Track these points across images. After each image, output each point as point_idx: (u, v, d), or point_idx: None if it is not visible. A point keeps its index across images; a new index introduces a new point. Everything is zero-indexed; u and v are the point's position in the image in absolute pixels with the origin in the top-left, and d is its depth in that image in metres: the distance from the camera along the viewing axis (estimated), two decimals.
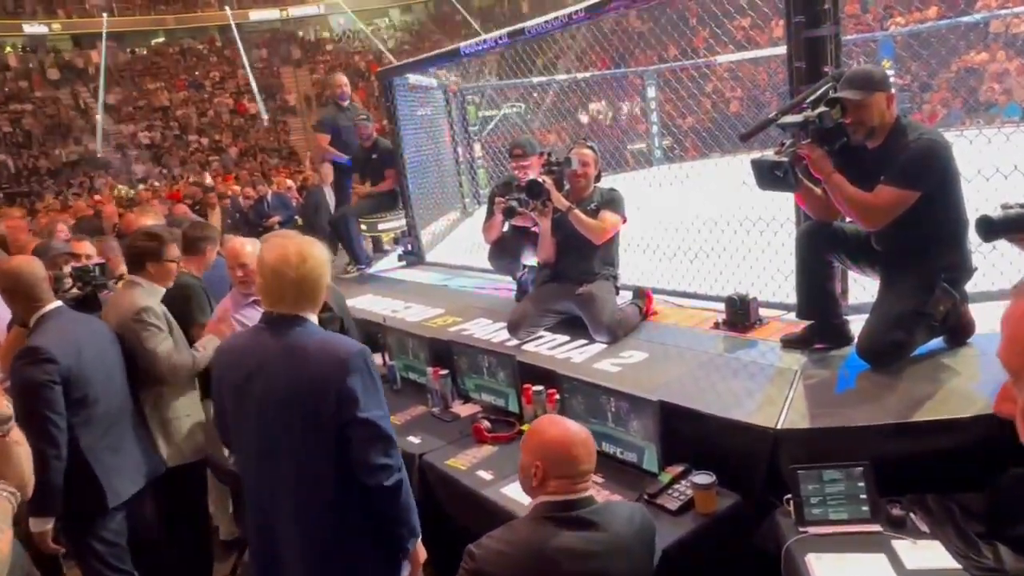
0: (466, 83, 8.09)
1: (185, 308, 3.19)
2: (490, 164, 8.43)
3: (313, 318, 1.97)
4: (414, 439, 2.99)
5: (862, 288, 3.01)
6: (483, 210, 7.71)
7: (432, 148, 6.84)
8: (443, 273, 5.54)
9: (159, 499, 2.89)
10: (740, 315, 3.20)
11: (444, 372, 3.33)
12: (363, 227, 6.10)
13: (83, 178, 20.45)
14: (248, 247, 3.21)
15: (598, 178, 3.70)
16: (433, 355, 3.52)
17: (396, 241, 6.44)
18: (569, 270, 3.56)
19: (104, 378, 2.60)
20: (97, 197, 15.45)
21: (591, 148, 3.65)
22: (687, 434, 2.47)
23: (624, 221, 3.58)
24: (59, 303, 2.65)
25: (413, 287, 5.21)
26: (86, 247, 3.75)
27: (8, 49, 24.48)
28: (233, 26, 25.62)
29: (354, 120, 5.92)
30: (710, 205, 4.43)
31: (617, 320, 3.35)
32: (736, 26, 10.57)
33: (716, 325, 3.30)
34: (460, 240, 6.42)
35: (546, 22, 3.86)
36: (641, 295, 3.62)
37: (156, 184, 18.51)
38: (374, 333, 3.92)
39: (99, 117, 22.47)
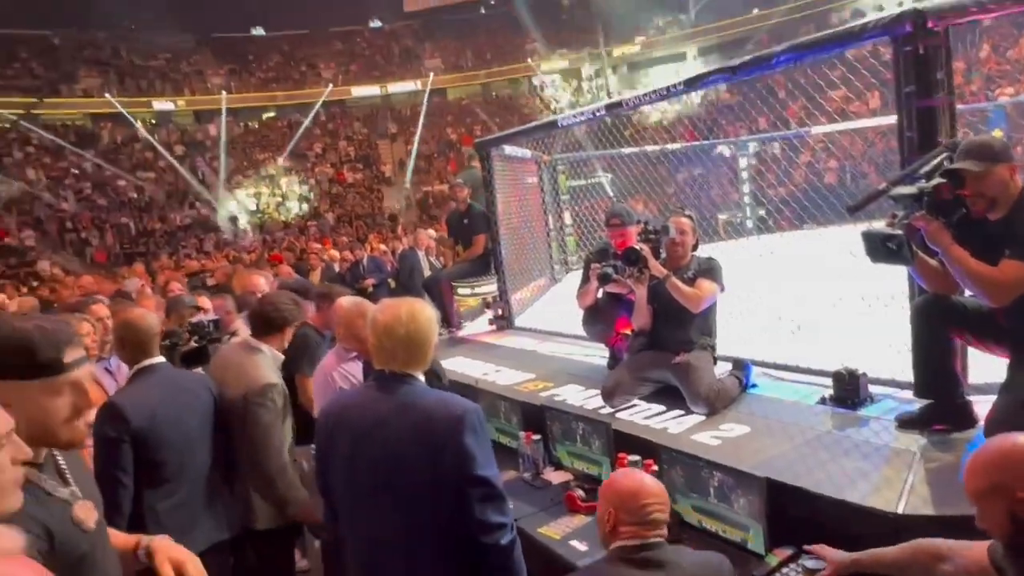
0: (558, 153, 8.30)
1: (297, 356, 3.32)
2: (579, 232, 8.53)
3: (421, 377, 2.02)
4: None
5: (986, 366, 2.82)
6: (571, 277, 7.82)
7: (524, 216, 7.00)
8: (532, 338, 5.56)
9: (245, 558, 2.85)
10: (849, 391, 3.06)
11: (536, 437, 3.31)
12: (457, 290, 6.25)
13: (195, 240, 21.95)
14: (347, 305, 3.34)
15: (695, 247, 3.68)
16: (525, 419, 3.51)
17: (487, 305, 6.55)
18: (666, 338, 3.52)
19: (181, 439, 2.59)
20: (208, 258, 16.51)
21: (689, 216, 3.65)
22: (795, 515, 2.34)
23: (722, 290, 3.53)
24: (161, 359, 2.70)
25: (503, 351, 5.26)
26: (204, 302, 4.00)
27: (139, 123, 26.99)
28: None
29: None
30: (811, 276, 4.31)
31: (716, 391, 3.26)
32: (830, 97, 10.48)
33: (822, 401, 3.16)
34: (549, 306, 6.47)
35: (644, 95, 3.95)
36: (740, 367, 3.52)
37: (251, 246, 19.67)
38: (465, 395, 3.96)
39: (220, 182, 24.27)
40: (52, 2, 24.65)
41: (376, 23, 32.20)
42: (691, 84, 3.60)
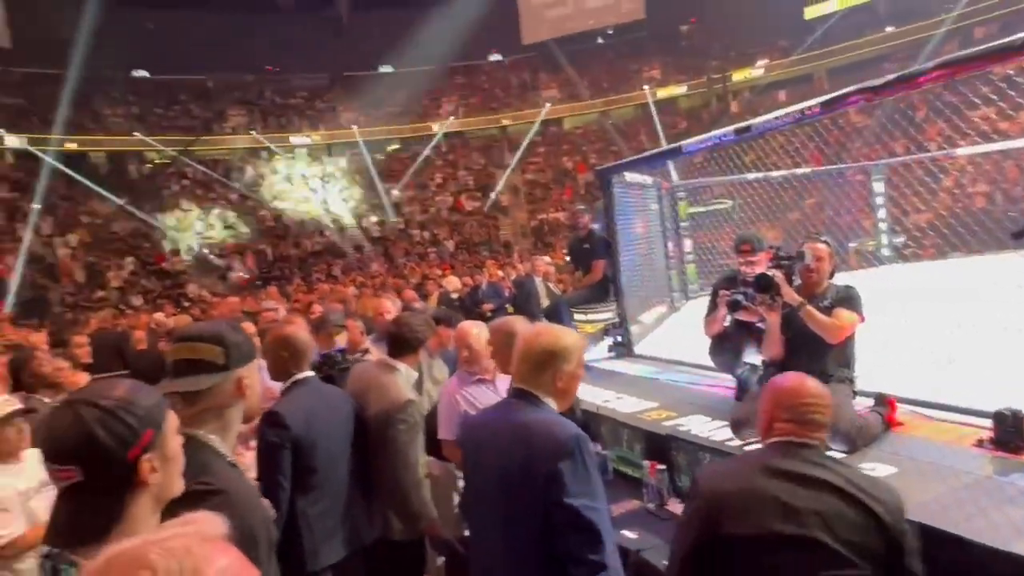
0: (679, 180, 8.20)
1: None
2: (700, 260, 8.35)
3: (550, 401, 2.04)
4: (630, 533, 2.91)
5: None
6: (691, 306, 7.64)
7: (644, 243, 6.94)
8: (653, 366, 5.47)
9: (379, 568, 2.93)
10: (1012, 433, 2.79)
11: (661, 467, 3.24)
12: (575, 316, 6.27)
13: (325, 265, 23.28)
14: (475, 330, 3.43)
15: (832, 274, 3.51)
16: (649, 448, 3.46)
17: (605, 332, 6.52)
18: (799, 370, 3.34)
19: (330, 447, 2.73)
20: (336, 282, 17.45)
21: (825, 243, 3.50)
22: (949, 564, 2.16)
23: (862, 320, 3.34)
24: (311, 373, 2.88)
25: (623, 378, 5.20)
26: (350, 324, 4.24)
27: (277, 157, 29.12)
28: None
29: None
30: (962, 306, 3.99)
31: (857, 427, 3.07)
32: (979, 116, 9.73)
33: (979, 443, 2.90)
34: (668, 334, 6.34)
35: (776, 118, 3.84)
36: (884, 402, 3.30)
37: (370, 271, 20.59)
38: (586, 421, 3.95)
39: (346, 211, 25.75)
40: (208, 50, 27.21)
41: (496, 57, 33.20)
42: (829, 106, 3.46)
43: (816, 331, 3.25)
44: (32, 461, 2.96)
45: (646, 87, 29.53)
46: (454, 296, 9.95)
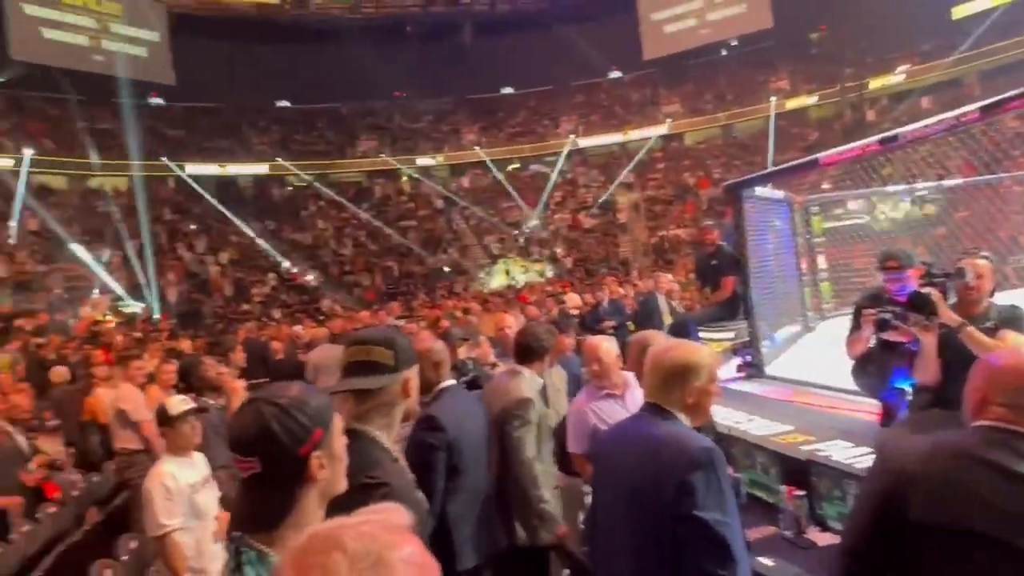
0: (811, 195, 7.83)
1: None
2: (835, 277, 7.93)
3: (681, 416, 2.02)
4: (766, 560, 2.80)
5: None
6: (825, 326, 7.24)
7: (775, 260, 6.67)
8: (786, 387, 5.23)
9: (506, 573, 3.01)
10: None
11: (800, 493, 3.09)
12: (703, 335, 6.11)
13: (447, 282, 24.05)
14: (604, 344, 3.44)
15: (992, 293, 3.24)
16: (785, 473, 3.31)
17: (734, 352, 6.31)
18: (958, 396, 3.10)
19: (474, 451, 2.86)
20: (459, 299, 17.95)
21: (986, 259, 3.23)
22: None
23: None
24: (453, 381, 3.05)
25: (755, 399, 5.00)
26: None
27: (404, 178, 30.47)
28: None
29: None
30: None
31: None
32: None
33: None
34: (802, 355, 6.04)
35: (926, 126, 3.60)
36: None
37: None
38: (717, 441, 3.83)
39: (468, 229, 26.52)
40: (343, 79, 29.00)
41: (615, 74, 33.15)
42: (989, 111, 3.21)
43: (978, 354, 2.99)
44: (199, 457, 3.26)
45: (773, 98, 28.42)
46: (574, 313, 9.98)
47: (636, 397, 2.79)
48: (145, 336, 12.53)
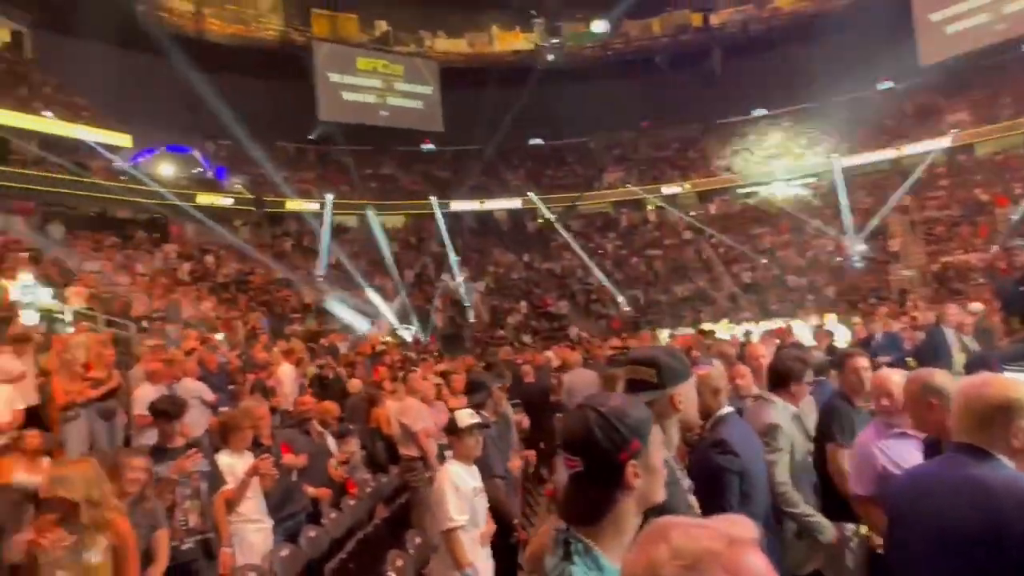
0: None
1: (829, 424, 3.41)
2: None
3: (1003, 458, 1.81)
4: None
5: None
6: None
7: None
8: None
9: None
10: None
11: None
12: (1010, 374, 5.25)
13: (692, 311, 23.49)
14: (896, 377, 3.16)
15: None
16: None
17: None
18: None
19: (759, 480, 2.82)
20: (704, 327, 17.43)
21: None
22: None
23: None
24: (731, 409, 2.99)
25: None
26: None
27: (649, 207, 30.51)
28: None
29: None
30: None
31: None
32: None
33: None
34: None
35: None
36: None
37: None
38: None
39: (714, 258, 25.77)
40: (591, 114, 30.06)
41: (885, 84, 30.02)
42: None
43: None
44: (475, 469, 3.59)
45: None
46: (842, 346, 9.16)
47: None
48: (417, 356, 14.00)
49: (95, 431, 6.83)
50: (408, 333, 20.46)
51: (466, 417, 3.39)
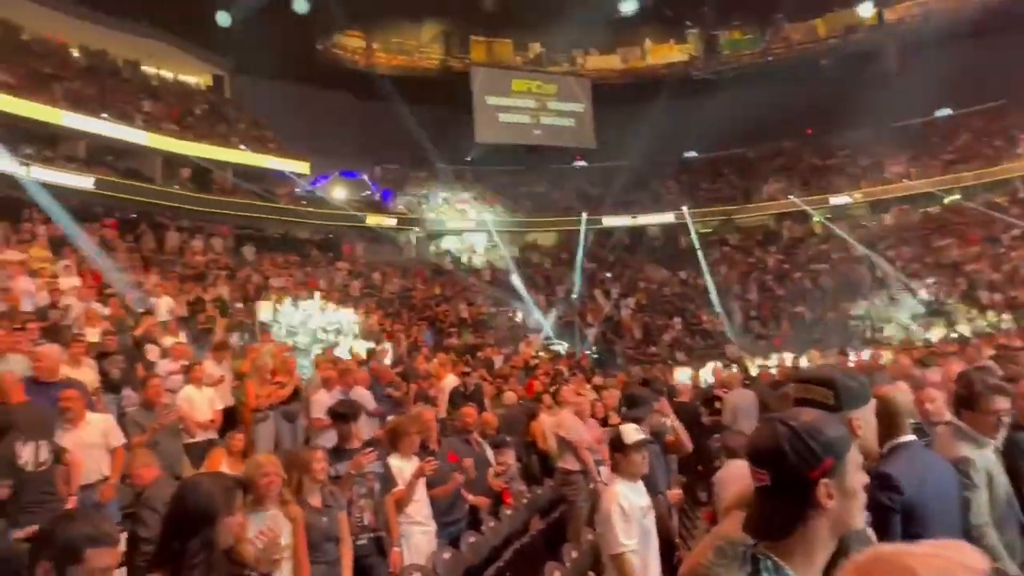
0: None
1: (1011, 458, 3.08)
2: None
3: None
4: None
5: None
6: None
7: None
8: None
9: None
10: None
11: None
12: None
13: (865, 330, 21.69)
14: None
15: None
16: None
17: None
18: None
19: (942, 519, 2.54)
20: (879, 346, 16.03)
21: None
22: None
23: None
24: (913, 437, 2.75)
25: None
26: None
27: (816, 219, 28.63)
28: None
29: None
30: None
31: None
32: None
33: None
34: None
35: None
36: None
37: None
38: None
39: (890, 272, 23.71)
40: (749, 123, 28.77)
41: None
42: None
43: None
44: (642, 485, 3.54)
45: None
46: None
47: None
48: (569, 371, 14.05)
49: (280, 432, 7.53)
50: (560, 348, 20.61)
51: (632, 433, 3.34)
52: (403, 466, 4.56)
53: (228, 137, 24.46)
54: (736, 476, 3.96)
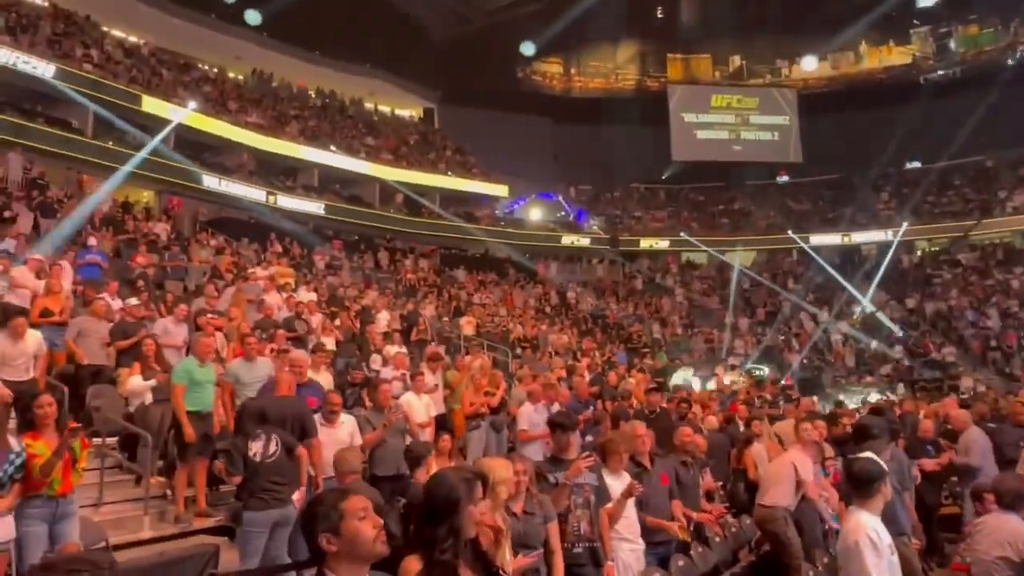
0: None
1: None
2: None
3: None
4: None
5: None
6: None
7: None
8: None
9: None
10: None
11: None
12: None
13: None
14: None
15: None
16: None
17: None
18: None
19: None
20: None
21: None
22: None
23: None
24: None
25: None
26: None
27: None
28: None
29: None
30: None
31: None
32: None
33: None
34: None
35: None
36: None
37: None
38: None
39: None
40: (990, 128, 25.35)
41: None
42: None
43: None
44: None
45: None
46: None
47: None
48: (774, 398, 13.21)
49: (488, 440, 7.90)
50: (762, 373, 19.50)
51: (874, 462, 3.09)
52: (612, 483, 4.57)
53: (436, 164, 26.33)
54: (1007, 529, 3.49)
